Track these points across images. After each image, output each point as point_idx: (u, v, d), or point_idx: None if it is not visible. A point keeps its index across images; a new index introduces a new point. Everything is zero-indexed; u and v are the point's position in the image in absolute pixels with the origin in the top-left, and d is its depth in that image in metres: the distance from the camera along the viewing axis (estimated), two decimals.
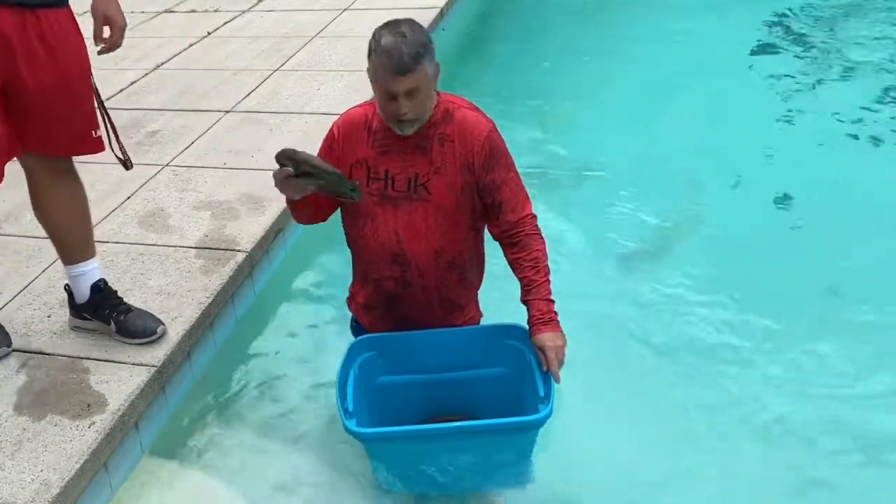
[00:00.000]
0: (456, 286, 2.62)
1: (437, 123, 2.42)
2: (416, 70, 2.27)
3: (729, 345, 3.24)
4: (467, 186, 2.46)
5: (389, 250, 2.52)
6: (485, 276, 2.77)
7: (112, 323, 2.95)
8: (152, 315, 3.00)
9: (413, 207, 2.47)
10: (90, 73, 2.76)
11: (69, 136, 2.75)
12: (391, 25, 2.32)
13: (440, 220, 2.49)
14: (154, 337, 2.96)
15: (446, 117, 2.43)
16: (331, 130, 2.56)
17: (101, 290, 2.97)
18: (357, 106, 2.56)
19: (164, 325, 2.98)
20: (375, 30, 2.34)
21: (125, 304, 3.01)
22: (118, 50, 2.78)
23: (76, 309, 3.01)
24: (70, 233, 2.91)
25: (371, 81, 2.38)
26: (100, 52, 2.77)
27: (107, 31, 2.73)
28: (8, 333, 3.00)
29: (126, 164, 2.90)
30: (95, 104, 2.81)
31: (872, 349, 3.17)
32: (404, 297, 2.60)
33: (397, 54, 2.25)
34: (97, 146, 2.82)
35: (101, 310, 2.96)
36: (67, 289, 3.03)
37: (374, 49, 2.31)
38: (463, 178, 2.45)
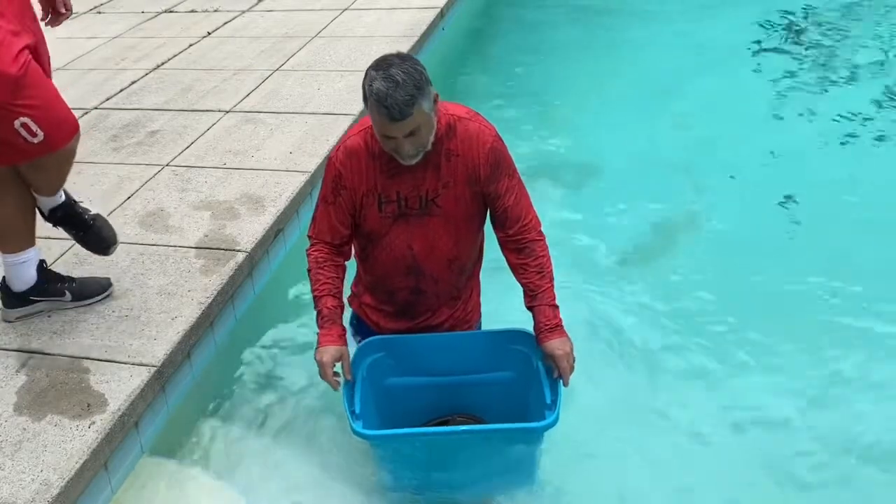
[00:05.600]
0: (461, 282, 2.66)
1: (442, 139, 2.41)
2: (412, 114, 2.21)
3: (730, 345, 3.24)
4: (475, 197, 2.48)
5: (404, 264, 2.55)
6: (489, 276, 2.79)
7: (67, 293, 3.08)
8: (94, 276, 3.20)
9: (425, 222, 2.48)
10: None
11: None
12: (382, 68, 2.23)
13: (452, 230, 2.51)
14: (111, 289, 3.17)
15: (450, 132, 2.41)
16: (332, 166, 2.48)
17: (46, 268, 3.09)
18: (352, 134, 2.48)
19: (108, 278, 3.20)
20: (368, 69, 2.26)
21: (66, 275, 3.14)
22: (118, 50, 2.77)
23: (17, 298, 3.06)
24: (28, 219, 2.98)
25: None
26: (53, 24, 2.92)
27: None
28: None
29: None
30: None
31: (874, 351, 3.17)
32: (418, 304, 2.63)
33: (390, 103, 2.18)
34: None
35: (53, 284, 3.07)
36: (1, 286, 3.08)
37: (367, 94, 2.24)
38: (471, 190, 2.46)
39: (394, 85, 2.19)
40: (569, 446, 2.75)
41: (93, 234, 3.13)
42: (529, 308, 2.51)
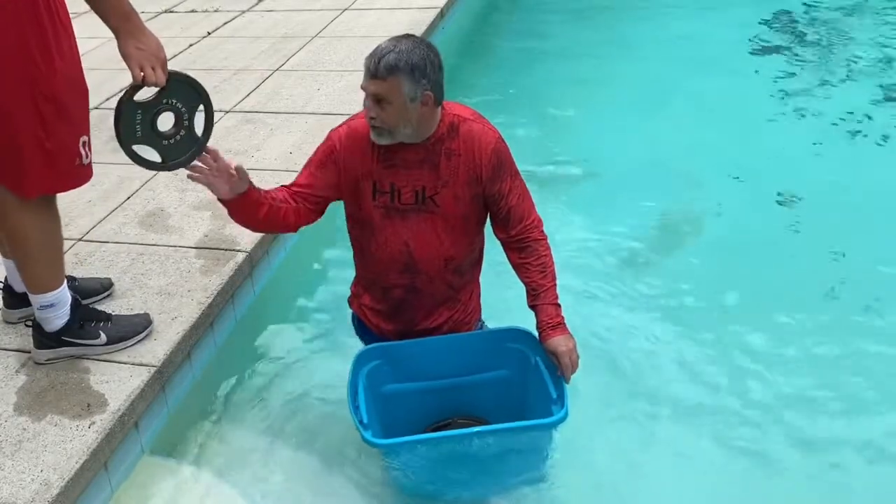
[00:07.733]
0: (458, 283, 2.66)
1: (444, 138, 2.42)
2: (386, 80, 2.27)
3: (730, 346, 3.24)
4: (475, 197, 2.48)
5: (400, 261, 2.54)
6: (489, 279, 2.79)
7: (102, 334, 2.83)
8: (128, 315, 2.95)
9: (422, 219, 2.48)
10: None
11: None
12: (401, 36, 2.35)
13: (449, 230, 2.51)
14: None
15: (452, 132, 2.42)
16: (330, 140, 2.50)
17: (80, 302, 2.86)
18: (359, 116, 2.49)
19: (147, 314, 2.97)
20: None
21: (101, 311, 2.91)
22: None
23: (50, 338, 2.80)
24: (59, 253, 2.74)
25: None
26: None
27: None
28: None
29: None
30: None
31: (874, 353, 3.17)
32: (413, 302, 2.63)
33: (376, 58, 2.27)
34: None
35: (89, 323, 2.83)
36: (33, 323, 2.82)
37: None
38: (471, 190, 2.46)
39: (391, 48, 2.28)
40: (570, 446, 2.75)
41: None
42: (532, 307, 2.51)
